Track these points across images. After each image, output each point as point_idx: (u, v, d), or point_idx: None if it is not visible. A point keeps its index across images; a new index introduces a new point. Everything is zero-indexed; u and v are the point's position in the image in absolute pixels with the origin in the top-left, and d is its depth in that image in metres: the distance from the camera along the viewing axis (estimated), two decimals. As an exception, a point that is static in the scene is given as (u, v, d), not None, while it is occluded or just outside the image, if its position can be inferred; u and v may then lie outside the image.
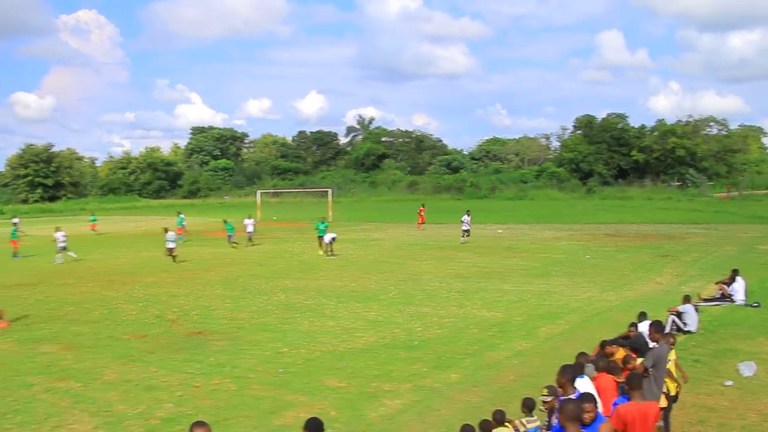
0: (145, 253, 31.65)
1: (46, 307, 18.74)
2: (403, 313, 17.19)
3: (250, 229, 34.84)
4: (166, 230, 29.24)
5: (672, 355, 9.65)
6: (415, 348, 13.78)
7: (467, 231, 33.90)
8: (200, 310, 18.00)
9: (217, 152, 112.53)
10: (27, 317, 17.37)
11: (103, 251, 33.37)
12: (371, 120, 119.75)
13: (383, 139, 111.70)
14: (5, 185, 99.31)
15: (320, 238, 30.04)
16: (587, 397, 6.65)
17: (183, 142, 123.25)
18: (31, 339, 15.03)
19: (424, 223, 43.20)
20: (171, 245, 28.05)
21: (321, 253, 29.36)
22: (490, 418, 7.85)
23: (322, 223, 31.13)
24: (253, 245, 33.62)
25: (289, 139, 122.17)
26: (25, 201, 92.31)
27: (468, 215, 34.24)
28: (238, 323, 16.26)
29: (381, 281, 22.45)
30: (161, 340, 14.74)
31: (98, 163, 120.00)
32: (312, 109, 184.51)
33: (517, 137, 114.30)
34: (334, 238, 29.53)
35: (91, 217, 47.36)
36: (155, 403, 10.67)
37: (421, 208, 44.55)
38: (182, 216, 41.05)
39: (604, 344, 10.63)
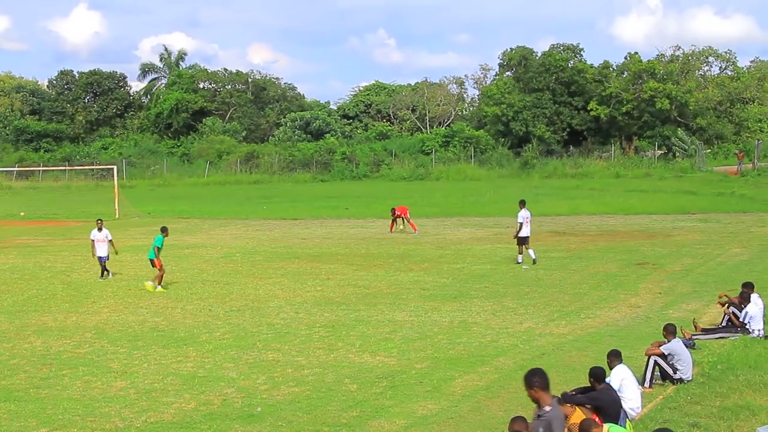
0: None
1: None
2: (238, 362, 17.13)
3: None
4: None
5: None
6: (257, 418, 13.74)
7: (525, 240, 29.71)
8: None
9: None
10: None
11: None
12: (182, 55, 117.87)
13: (202, 85, 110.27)
14: None
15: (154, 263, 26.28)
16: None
17: None
18: None
19: (396, 219, 41.16)
20: None
21: (154, 288, 25.62)
22: None
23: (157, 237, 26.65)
24: None
25: (44, 83, 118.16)
26: None
27: (525, 208, 29.99)
28: (-39, 390, 15.59)
29: (201, 313, 22.23)
30: None
31: None
32: (82, 36, 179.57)
33: (412, 82, 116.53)
34: (110, 242, 28.53)
35: None
36: None
37: (404, 207, 41.65)
38: None
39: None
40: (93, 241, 28.32)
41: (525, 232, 29.42)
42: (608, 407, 12.15)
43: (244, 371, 16.45)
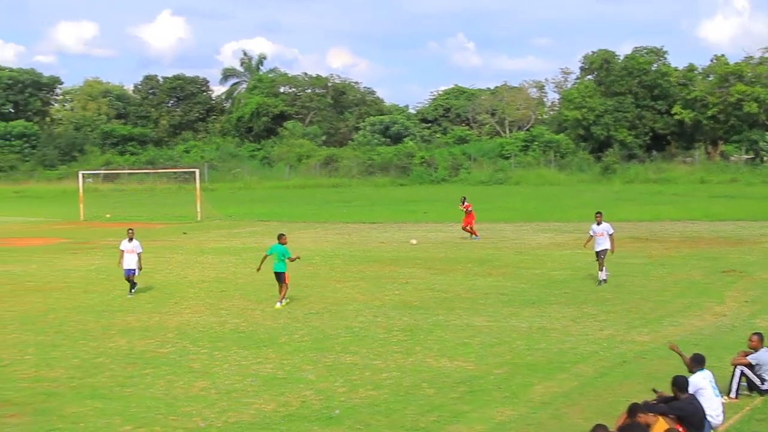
0: None
1: None
2: (317, 365, 17.24)
3: None
4: None
5: None
6: (335, 421, 13.82)
7: (602, 254, 26.75)
8: (-16, 366, 17.64)
9: (8, 108, 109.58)
10: None
11: None
12: (262, 59, 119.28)
13: (282, 89, 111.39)
14: None
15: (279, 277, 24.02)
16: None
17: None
18: None
19: (471, 225, 39.56)
20: None
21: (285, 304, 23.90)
22: None
23: (279, 247, 24.07)
24: None
25: (130, 88, 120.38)
26: None
27: (599, 221, 26.93)
28: (49, 387, 15.99)
29: (281, 315, 22.46)
30: None
31: None
32: (166, 41, 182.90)
33: (492, 86, 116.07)
34: (138, 255, 26.27)
35: None
36: None
37: (467, 203, 39.79)
38: None
39: (634, 411, 10.87)
40: (122, 251, 26.17)
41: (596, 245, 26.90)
42: (692, 417, 11.96)
43: (322, 374, 16.55)
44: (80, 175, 62.32)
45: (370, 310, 22.78)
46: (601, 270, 26.60)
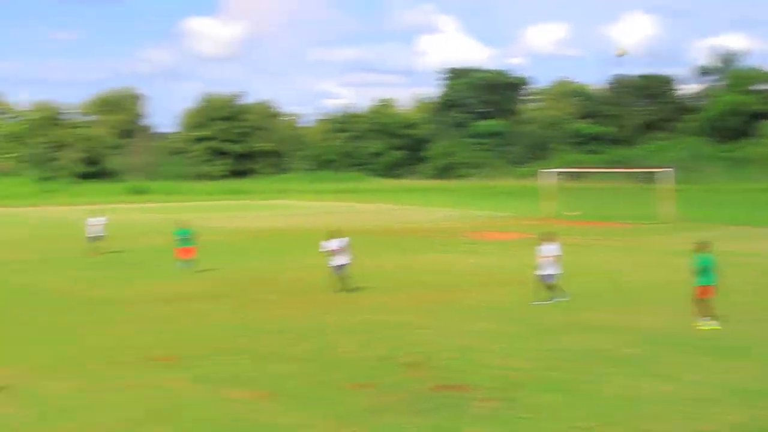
0: (368, 261, 33.31)
1: (230, 333, 20.57)
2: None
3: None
4: (331, 235, 27.03)
5: None
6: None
7: None
8: (455, 352, 18.41)
9: (483, 108, 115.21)
10: (205, 345, 19.23)
11: (315, 255, 35.79)
12: (736, 56, 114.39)
13: (755, 87, 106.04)
14: (177, 153, 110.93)
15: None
16: None
17: (430, 92, 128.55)
18: (212, 378, 16.47)
19: None
20: (339, 260, 26.87)
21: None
22: None
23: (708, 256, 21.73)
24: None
25: (597, 87, 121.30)
26: (208, 176, 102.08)
27: None
28: (515, 376, 16.39)
29: (753, 326, 21.24)
30: (394, 393, 15.29)
31: (305, 123, 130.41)
32: (635, 40, 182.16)
33: None
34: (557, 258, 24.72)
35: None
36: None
37: None
38: None
39: None
40: (540, 257, 24.50)
41: None
42: None
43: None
44: (546, 173, 63.96)
45: None
46: None
